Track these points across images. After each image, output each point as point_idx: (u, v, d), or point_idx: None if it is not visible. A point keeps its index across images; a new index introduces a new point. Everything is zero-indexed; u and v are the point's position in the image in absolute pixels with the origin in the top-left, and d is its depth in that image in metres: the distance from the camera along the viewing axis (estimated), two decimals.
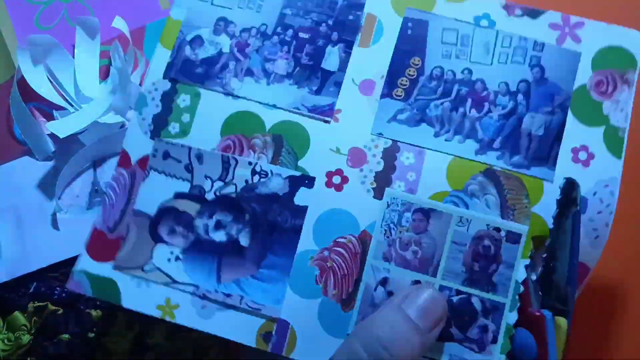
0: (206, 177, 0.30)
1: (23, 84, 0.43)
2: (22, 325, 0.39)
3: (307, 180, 0.29)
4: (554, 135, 0.29)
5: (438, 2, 0.30)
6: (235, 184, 0.30)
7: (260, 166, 0.30)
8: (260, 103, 0.31)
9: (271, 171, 0.30)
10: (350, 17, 0.30)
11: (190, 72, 0.31)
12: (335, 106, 0.30)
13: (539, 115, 0.29)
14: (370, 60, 0.30)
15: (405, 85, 0.30)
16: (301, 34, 0.30)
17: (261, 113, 0.31)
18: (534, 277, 0.27)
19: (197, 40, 0.31)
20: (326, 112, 0.30)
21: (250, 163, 0.30)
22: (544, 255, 0.27)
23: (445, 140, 0.29)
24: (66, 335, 0.39)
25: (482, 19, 0.30)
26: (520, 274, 0.27)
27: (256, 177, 0.30)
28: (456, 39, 0.30)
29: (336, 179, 0.29)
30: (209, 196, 0.30)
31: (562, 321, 0.26)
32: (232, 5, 0.32)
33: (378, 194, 0.29)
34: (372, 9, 0.31)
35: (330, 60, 0.30)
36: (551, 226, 0.28)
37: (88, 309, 0.39)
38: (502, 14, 0.30)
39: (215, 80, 0.31)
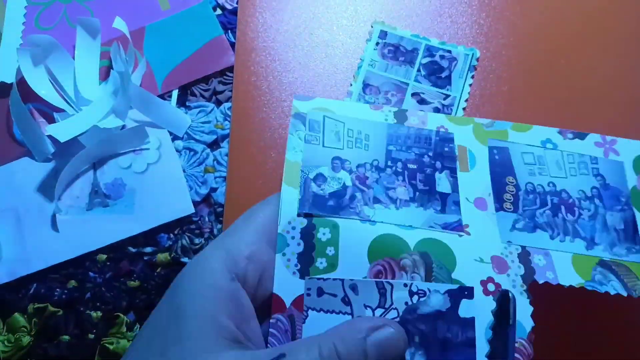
0: (365, 306, 0.30)
1: (23, 85, 0.43)
2: (22, 327, 0.39)
3: (467, 292, 0.30)
4: (631, 227, 0.34)
5: (510, 133, 0.36)
6: (397, 308, 0.30)
7: (417, 286, 0.30)
8: (397, 225, 0.32)
9: (428, 289, 0.30)
10: (446, 149, 0.35)
11: (322, 206, 0.32)
12: (462, 221, 0.33)
13: (615, 213, 0.34)
14: (474, 181, 0.34)
15: (510, 199, 0.34)
16: (409, 165, 0.34)
17: (402, 234, 0.32)
18: None
19: (320, 177, 0.33)
20: (456, 227, 0.33)
21: (405, 285, 0.30)
22: None
23: (560, 241, 0.33)
24: (66, 337, 0.39)
25: (547, 143, 0.36)
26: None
27: (415, 298, 0.30)
28: (534, 160, 0.36)
29: (490, 287, 0.31)
30: None
31: None
32: (342, 146, 0.34)
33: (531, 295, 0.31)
34: (461, 142, 0.35)
35: (442, 184, 0.34)
36: (490, 337, 0.29)
37: (88, 310, 0.40)
38: (559, 137, 0.36)
39: (349, 210, 0.32)
